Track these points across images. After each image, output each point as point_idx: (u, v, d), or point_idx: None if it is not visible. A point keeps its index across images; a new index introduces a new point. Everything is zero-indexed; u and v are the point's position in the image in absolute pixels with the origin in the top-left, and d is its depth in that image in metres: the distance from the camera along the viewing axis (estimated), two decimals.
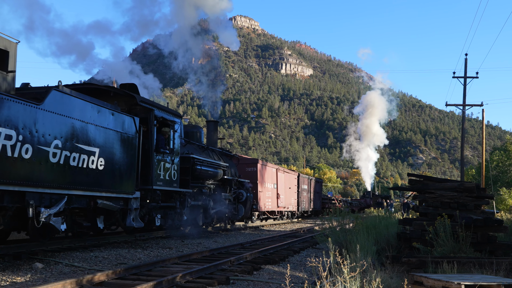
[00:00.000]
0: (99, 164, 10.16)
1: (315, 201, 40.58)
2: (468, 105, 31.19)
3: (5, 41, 8.65)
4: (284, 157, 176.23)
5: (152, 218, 12.78)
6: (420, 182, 11.26)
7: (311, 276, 8.39)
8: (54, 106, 8.92)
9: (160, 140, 12.63)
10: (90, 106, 9.98)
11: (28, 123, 8.28)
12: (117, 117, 10.80)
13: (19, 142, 8.05)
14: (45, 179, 8.68)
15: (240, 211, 19.95)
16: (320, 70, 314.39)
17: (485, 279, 5.66)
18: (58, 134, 9.02)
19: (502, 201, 32.56)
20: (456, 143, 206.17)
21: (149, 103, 12.43)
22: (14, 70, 8.94)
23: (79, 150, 9.54)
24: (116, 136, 10.78)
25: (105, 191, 10.38)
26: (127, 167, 11.17)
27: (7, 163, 7.82)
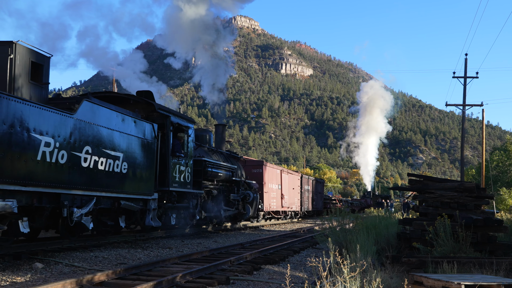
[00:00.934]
0: (123, 168, 11.09)
1: (317, 201, 41.23)
2: (468, 105, 31.19)
3: (40, 55, 9.66)
4: (284, 157, 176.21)
5: (168, 218, 13.60)
6: (420, 182, 11.26)
7: (311, 276, 8.39)
8: (85, 115, 9.87)
9: (175, 145, 13.48)
10: (115, 115, 10.92)
11: (63, 131, 9.19)
12: (138, 124, 11.78)
13: (56, 149, 8.97)
14: (77, 182, 9.58)
15: (248, 211, 20.62)
16: (320, 70, 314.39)
17: (485, 279, 5.66)
18: (89, 140, 9.96)
19: (502, 201, 32.57)
20: (456, 143, 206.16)
21: (165, 110, 13.33)
22: (48, 82, 10.01)
23: (106, 155, 10.47)
24: (138, 141, 11.75)
25: (127, 192, 11.30)
26: (147, 170, 12.10)
27: (46, 168, 8.72)
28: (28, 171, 8.34)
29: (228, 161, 18.96)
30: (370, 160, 78.48)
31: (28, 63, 9.38)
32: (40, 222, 9.42)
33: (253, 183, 21.95)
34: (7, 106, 7.89)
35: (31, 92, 9.47)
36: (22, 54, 9.25)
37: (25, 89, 9.31)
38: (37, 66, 9.58)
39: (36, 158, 8.48)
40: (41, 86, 9.70)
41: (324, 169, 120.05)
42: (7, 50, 9.00)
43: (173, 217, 13.92)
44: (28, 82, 9.35)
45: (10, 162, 7.96)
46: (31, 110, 8.40)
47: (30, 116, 8.39)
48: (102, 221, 11.24)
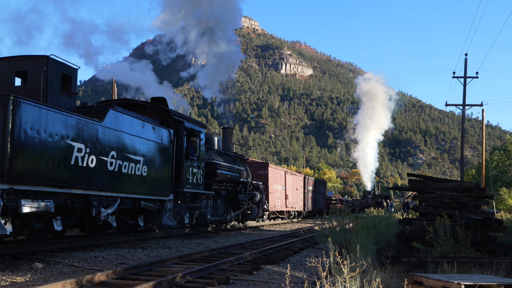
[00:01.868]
0: (143, 171, 11.98)
1: (320, 201, 42.32)
2: (468, 105, 31.19)
3: (69, 67, 10.53)
4: (284, 157, 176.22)
5: (182, 217, 14.49)
6: (420, 182, 11.25)
7: (311, 276, 8.39)
8: (111, 122, 10.75)
9: (189, 148, 14.35)
10: (137, 122, 11.82)
11: (93, 138, 10.10)
12: (156, 130, 12.68)
13: (87, 154, 9.86)
14: (104, 184, 10.46)
15: (254, 211, 21.31)
16: (320, 70, 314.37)
17: (485, 279, 5.66)
18: (114, 146, 10.83)
19: (502, 201, 32.58)
20: (456, 143, 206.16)
21: (180, 116, 14.29)
22: (76, 92, 10.93)
23: (128, 159, 11.35)
24: (156, 146, 12.64)
25: (147, 194, 12.19)
26: (164, 173, 13.02)
27: (78, 172, 9.65)
28: (63, 174, 9.20)
29: (235, 163, 19.72)
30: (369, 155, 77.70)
31: (59, 75, 10.19)
32: (71, 221, 10.46)
33: (259, 184, 22.64)
34: (46, 116, 8.81)
35: (61, 101, 10.26)
36: (54, 67, 10.06)
37: (56, 99, 10.10)
38: (67, 77, 10.48)
39: (70, 162, 9.38)
40: (70, 96, 10.60)
41: (324, 169, 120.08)
42: (41, 63, 9.88)
43: (187, 216, 14.81)
44: (59, 92, 10.17)
45: (48, 166, 8.83)
46: (66, 119, 9.32)
47: (66, 124, 9.31)
48: (123, 220, 12.03)
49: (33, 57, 10.12)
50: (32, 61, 10.06)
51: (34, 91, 9.74)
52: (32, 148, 8.48)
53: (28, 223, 8.89)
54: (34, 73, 9.89)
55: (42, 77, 9.81)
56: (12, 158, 8.02)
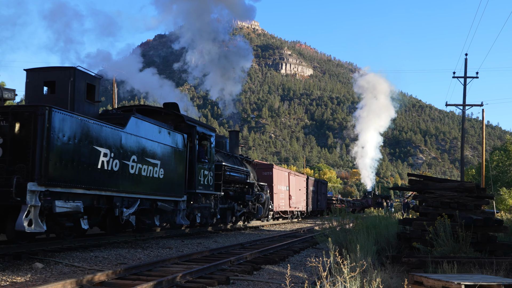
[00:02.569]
0: (160, 173, 12.78)
1: (321, 201, 43.57)
2: (468, 105, 31.19)
3: (93, 77, 11.35)
4: (284, 157, 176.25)
5: (194, 217, 15.26)
6: (420, 182, 11.26)
7: (311, 276, 8.39)
8: (132, 129, 11.57)
9: (200, 152, 15.23)
10: (154, 127, 12.61)
11: (117, 143, 10.90)
12: (172, 135, 13.50)
13: (111, 158, 10.64)
14: (126, 186, 11.26)
15: (260, 211, 22.21)
16: (320, 70, 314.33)
17: (485, 279, 5.66)
18: (135, 150, 11.64)
19: (502, 201, 32.58)
20: (456, 143, 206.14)
21: (192, 121, 15.12)
22: (99, 101, 11.65)
23: (147, 163, 12.16)
24: (171, 150, 13.46)
25: (163, 195, 13.00)
26: (179, 175, 13.86)
27: (104, 175, 10.43)
28: (91, 177, 10.02)
29: (242, 165, 20.56)
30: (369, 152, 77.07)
31: (84, 85, 10.95)
32: (96, 220, 11.27)
33: (265, 185, 23.52)
34: (75, 123, 9.63)
35: (86, 109, 11.00)
36: (80, 77, 10.80)
37: (82, 106, 10.84)
38: (91, 87, 11.26)
39: (97, 166, 10.17)
40: (94, 103, 11.37)
41: (324, 169, 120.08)
42: (69, 74, 10.64)
43: (198, 216, 15.59)
44: (84, 101, 10.94)
45: (78, 170, 9.67)
46: (93, 126, 10.16)
47: (93, 131, 10.13)
48: (141, 220, 12.67)
49: (61, 68, 10.95)
50: (60, 72, 10.82)
51: (62, 99, 10.44)
52: (65, 154, 9.31)
53: (59, 222, 9.65)
54: (62, 83, 10.63)
55: (70, 86, 10.58)
56: (48, 163, 8.83)
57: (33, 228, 8.56)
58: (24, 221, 8.39)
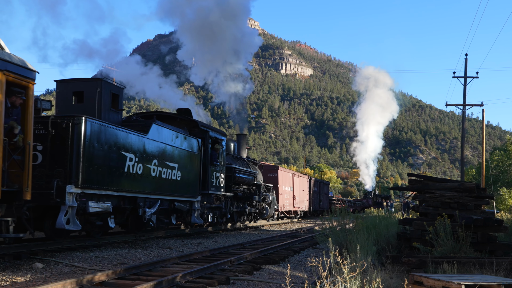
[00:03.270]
0: (178, 176, 13.78)
1: (323, 201, 44.31)
2: (468, 105, 31.18)
3: (116, 87, 12.36)
4: (284, 157, 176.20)
5: (207, 216, 16.25)
6: (420, 182, 11.25)
7: (311, 276, 8.39)
8: (154, 135, 12.54)
9: (213, 155, 16.29)
10: (172, 133, 13.59)
11: (140, 148, 11.89)
12: (188, 139, 14.54)
13: (136, 162, 11.63)
14: (148, 188, 12.28)
15: (266, 211, 23.42)
16: (320, 70, 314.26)
17: (485, 279, 5.66)
18: (156, 155, 12.60)
19: (502, 201, 32.55)
20: (456, 143, 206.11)
21: (206, 127, 16.23)
22: (123, 109, 12.62)
23: (166, 166, 13.12)
24: (187, 154, 14.47)
25: (180, 196, 14.01)
26: (193, 177, 14.88)
27: (130, 177, 11.43)
28: (119, 180, 11.03)
29: (249, 167, 21.53)
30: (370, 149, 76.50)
31: (110, 95, 11.86)
32: (121, 219, 12.08)
33: (271, 186, 24.78)
34: (106, 131, 10.61)
35: (111, 117, 11.87)
36: (106, 87, 11.72)
37: (107, 114, 11.70)
38: (115, 96, 12.15)
39: (124, 170, 11.16)
40: (118, 111, 12.29)
41: (324, 169, 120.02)
42: (96, 85, 11.55)
43: (211, 215, 16.64)
44: (109, 109, 11.84)
45: (108, 174, 10.65)
46: (121, 133, 11.15)
47: (120, 138, 11.12)
48: (159, 219, 13.47)
49: (89, 80, 11.98)
50: (88, 83, 11.77)
51: (90, 108, 11.33)
52: (97, 159, 10.27)
53: (91, 220, 10.53)
54: (89, 93, 11.53)
55: (97, 96, 11.49)
56: (84, 168, 9.82)
57: (71, 226, 9.61)
58: (64, 220, 9.40)
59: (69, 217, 9.57)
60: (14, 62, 7.98)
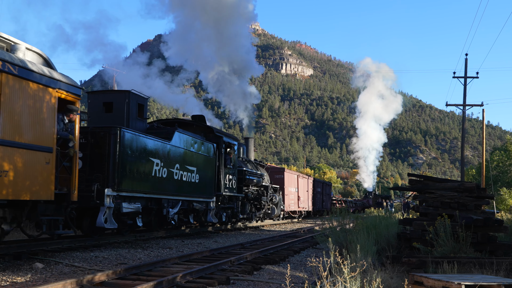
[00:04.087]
0: (196, 178, 15.01)
1: (326, 201, 45.51)
2: (468, 105, 31.16)
3: (142, 98, 13.38)
4: (284, 157, 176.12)
5: (220, 215, 17.46)
6: (420, 182, 11.25)
7: (312, 276, 8.39)
8: (176, 141, 13.74)
9: (226, 159, 17.48)
10: (191, 139, 14.77)
11: (165, 154, 13.08)
12: (205, 145, 15.78)
13: (161, 167, 12.79)
14: (171, 190, 13.49)
15: (273, 211, 24.85)
16: (320, 70, 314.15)
17: (486, 279, 5.66)
18: (178, 160, 13.81)
19: (502, 201, 32.52)
20: (456, 143, 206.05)
21: (220, 133, 17.42)
22: (147, 118, 13.84)
23: (187, 170, 14.37)
24: (205, 158, 15.71)
25: (198, 197, 15.22)
26: (209, 180, 16.06)
27: (156, 181, 12.61)
28: (147, 183, 12.22)
29: (258, 169, 22.76)
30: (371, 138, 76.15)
31: (136, 105, 12.91)
32: (147, 218, 13.21)
33: (277, 187, 26.13)
34: (137, 140, 11.80)
35: (138, 125, 12.90)
36: (133, 98, 12.77)
37: (134, 123, 12.73)
38: (141, 106, 13.19)
39: (151, 174, 12.36)
40: (143, 120, 13.38)
41: (324, 169, 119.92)
42: (125, 96, 12.58)
43: (224, 215, 17.82)
44: (136, 118, 12.88)
45: (139, 178, 11.85)
46: (149, 141, 12.35)
47: (149, 145, 12.30)
48: (179, 218, 14.57)
49: (118, 91, 13.25)
50: (117, 94, 12.95)
51: (119, 117, 12.37)
52: (130, 164, 11.43)
53: (123, 220, 11.60)
54: (118, 103, 12.53)
55: (125, 107, 12.47)
56: (119, 173, 10.97)
57: (109, 225, 10.73)
58: (103, 219, 10.53)
59: (107, 217, 10.69)
60: (64, 81, 9.09)
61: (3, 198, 7.66)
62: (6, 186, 7.61)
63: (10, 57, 7.87)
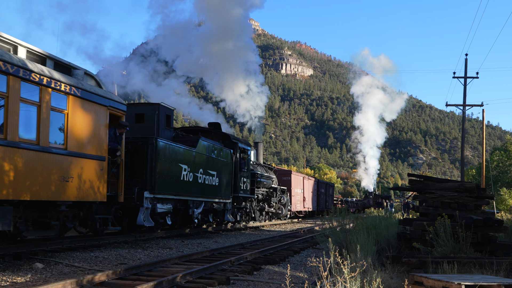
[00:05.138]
0: (216, 182, 16.65)
1: (329, 202, 47.36)
2: (468, 105, 31.16)
3: (169, 109, 14.92)
4: (284, 157, 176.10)
5: (235, 215, 19.36)
6: (420, 182, 11.25)
7: (312, 276, 8.39)
8: (200, 148, 15.42)
9: (242, 163, 19.22)
10: (212, 146, 16.45)
11: (191, 160, 14.76)
12: (223, 151, 17.42)
13: (188, 172, 14.47)
14: (196, 192, 15.19)
15: (281, 211, 26.79)
16: (320, 70, 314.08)
17: (486, 279, 5.66)
18: (201, 165, 15.50)
19: (502, 201, 32.53)
20: (456, 143, 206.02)
21: (236, 139, 19.08)
22: (173, 127, 15.33)
23: (208, 174, 16.01)
24: (223, 163, 17.37)
25: (217, 198, 16.93)
26: (227, 183, 17.76)
27: (184, 184, 14.29)
28: (176, 186, 13.81)
29: (267, 172, 24.47)
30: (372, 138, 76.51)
31: (165, 116, 14.37)
32: (175, 218, 14.71)
33: (285, 189, 28.07)
34: (169, 148, 13.42)
35: (166, 134, 14.35)
36: (162, 110, 14.22)
37: (163, 132, 14.12)
38: (168, 117, 14.64)
39: (180, 178, 14.01)
40: (170, 129, 14.81)
41: (324, 169, 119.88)
42: (155, 108, 14.06)
43: (239, 215, 19.75)
44: (165, 128, 14.31)
45: (170, 182, 13.44)
46: (178, 149, 14.00)
47: (178, 153, 13.91)
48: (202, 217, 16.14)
49: (149, 104, 14.71)
50: (148, 107, 14.39)
51: (149, 127, 13.80)
52: (163, 170, 12.95)
53: (156, 219, 13.06)
54: (149, 115, 13.96)
55: (156, 118, 13.89)
56: (155, 177, 12.51)
57: (147, 223, 12.28)
58: (142, 218, 12.07)
59: (145, 216, 12.21)
60: (114, 99, 10.89)
61: (69, 200, 9.31)
62: (73, 190, 9.33)
63: (75, 82, 9.62)
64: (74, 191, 9.31)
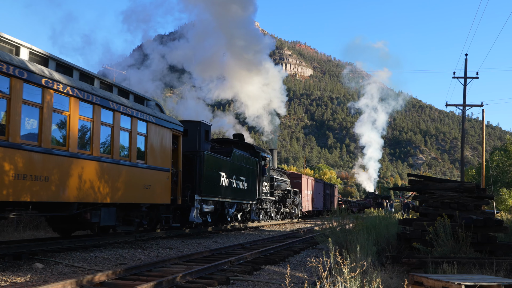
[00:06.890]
0: (245, 186, 19.85)
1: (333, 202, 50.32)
2: (468, 105, 31.15)
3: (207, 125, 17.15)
4: (284, 157, 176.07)
5: (259, 214, 22.82)
6: (420, 182, 11.25)
7: (311, 276, 8.38)
8: (234, 158, 18.50)
9: (263, 169, 22.56)
10: (242, 155, 19.68)
11: (227, 168, 17.74)
12: (250, 159, 20.80)
13: (225, 178, 17.46)
14: (230, 195, 18.11)
15: (295, 211, 30.15)
16: (320, 70, 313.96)
17: (485, 279, 5.66)
18: (234, 172, 18.49)
19: (502, 201, 32.51)
20: (456, 143, 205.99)
21: (259, 149, 22.28)
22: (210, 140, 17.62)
23: (239, 180, 19.10)
24: (251, 170, 20.75)
25: (246, 200, 20.22)
26: (253, 187, 21.08)
27: (222, 188, 17.23)
28: (217, 190, 16.73)
29: (281, 176, 27.53)
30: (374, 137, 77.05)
31: (204, 131, 16.56)
32: (214, 216, 17.67)
33: (297, 191, 31.36)
34: (213, 159, 16.35)
35: (206, 146, 16.54)
36: (202, 126, 16.51)
37: (203, 145, 16.34)
38: (207, 132, 16.84)
39: (219, 183, 17.01)
40: (208, 142, 16.95)
41: (324, 169, 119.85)
42: (197, 125, 16.40)
43: (262, 214, 23.45)
44: (204, 141, 16.49)
45: (212, 186, 16.31)
46: (218, 159, 16.93)
47: (218, 162, 16.88)
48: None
49: (192, 122, 16.71)
50: (191, 123, 16.46)
51: (192, 141, 16.12)
52: (208, 176, 15.88)
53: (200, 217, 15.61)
54: (192, 131, 16.20)
55: (198, 133, 16.22)
56: (202, 183, 15.45)
57: (197, 220, 15.25)
58: (193, 216, 15.04)
59: (196, 215, 15.14)
60: (175, 122, 14.13)
61: (148, 202, 12.47)
62: (150, 195, 12.38)
63: (151, 112, 12.76)
64: (151, 196, 12.40)
